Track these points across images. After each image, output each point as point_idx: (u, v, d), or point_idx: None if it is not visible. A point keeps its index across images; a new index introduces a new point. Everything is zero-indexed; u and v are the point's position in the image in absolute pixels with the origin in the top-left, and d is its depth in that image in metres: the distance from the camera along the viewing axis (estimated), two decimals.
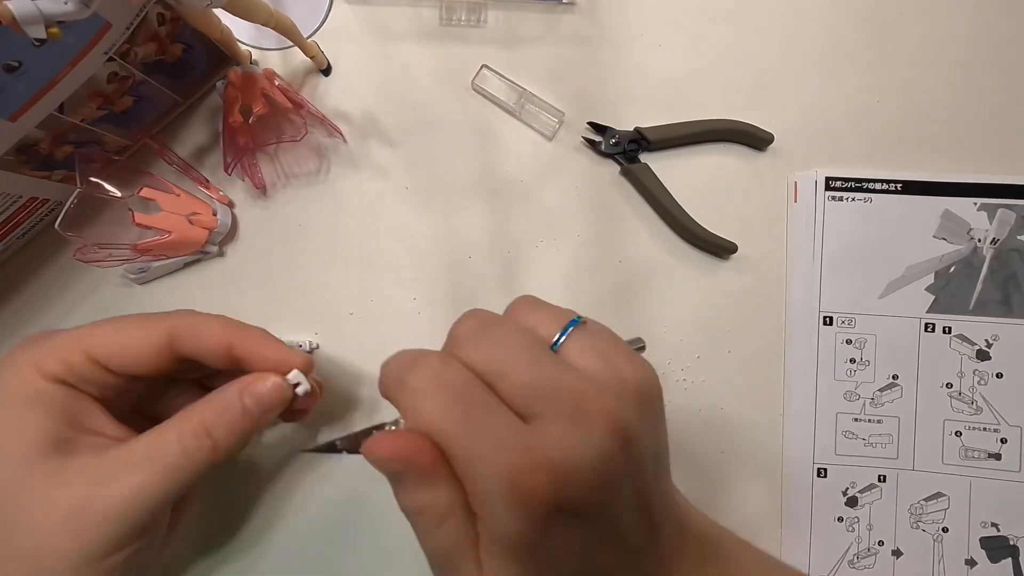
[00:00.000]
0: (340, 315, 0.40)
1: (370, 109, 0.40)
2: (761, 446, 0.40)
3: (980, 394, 0.39)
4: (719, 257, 0.40)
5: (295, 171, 0.40)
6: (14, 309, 0.39)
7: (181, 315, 0.29)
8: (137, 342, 0.27)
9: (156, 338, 0.27)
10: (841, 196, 0.40)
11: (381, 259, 0.40)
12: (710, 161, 0.40)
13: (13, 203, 0.34)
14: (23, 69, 0.26)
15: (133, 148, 0.39)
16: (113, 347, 0.27)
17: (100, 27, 0.28)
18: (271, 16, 0.33)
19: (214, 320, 0.29)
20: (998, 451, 0.39)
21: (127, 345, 0.27)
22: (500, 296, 0.40)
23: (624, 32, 0.41)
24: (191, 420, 0.27)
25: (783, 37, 0.41)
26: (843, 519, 0.39)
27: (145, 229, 0.36)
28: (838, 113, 0.40)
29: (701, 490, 0.39)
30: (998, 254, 0.39)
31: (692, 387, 0.40)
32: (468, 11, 0.40)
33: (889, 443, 0.39)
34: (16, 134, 0.30)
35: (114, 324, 0.28)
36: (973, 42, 0.40)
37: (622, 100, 0.40)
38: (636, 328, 0.39)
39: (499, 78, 0.40)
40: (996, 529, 0.39)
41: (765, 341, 0.40)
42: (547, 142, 0.40)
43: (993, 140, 0.40)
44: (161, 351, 0.27)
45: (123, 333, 0.27)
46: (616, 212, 0.40)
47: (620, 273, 0.40)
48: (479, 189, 0.40)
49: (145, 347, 0.27)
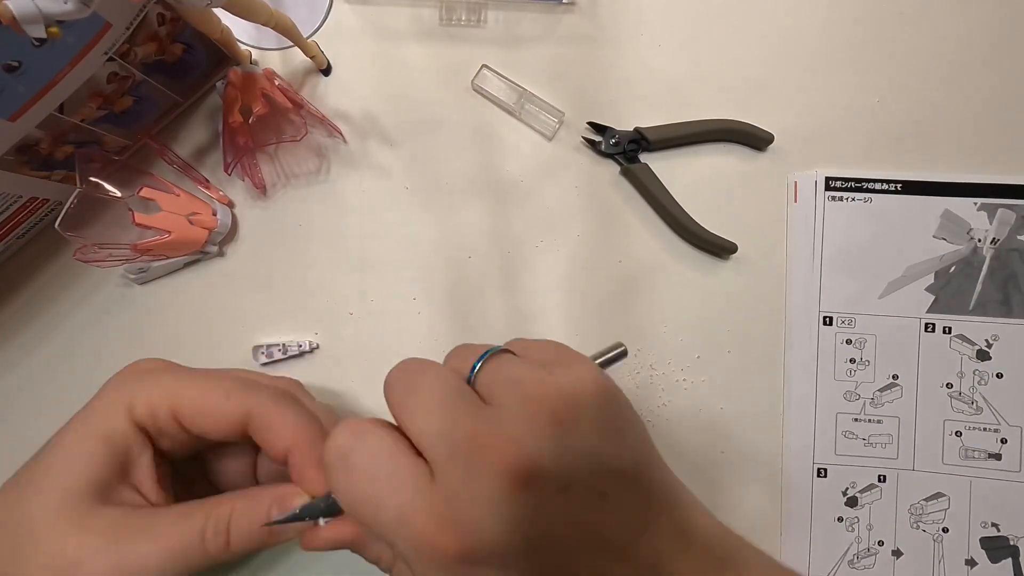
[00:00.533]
0: (340, 315, 0.40)
1: (370, 109, 0.40)
2: (761, 446, 0.40)
3: (980, 394, 0.39)
4: (719, 257, 0.40)
5: (295, 171, 0.40)
6: (14, 309, 0.39)
7: (266, 398, 0.29)
8: (219, 413, 0.28)
9: (236, 416, 0.28)
10: (841, 196, 0.40)
11: (381, 259, 0.40)
12: (710, 161, 0.40)
13: (13, 203, 0.34)
14: (23, 69, 0.26)
15: (133, 148, 0.39)
16: (196, 411, 0.28)
17: (100, 27, 0.28)
18: (271, 16, 0.33)
19: (292, 418, 0.28)
20: (998, 451, 0.39)
21: (208, 414, 0.28)
22: (500, 296, 0.40)
23: (624, 32, 0.41)
24: (220, 509, 0.27)
25: (783, 37, 0.41)
26: (843, 519, 0.39)
27: (145, 229, 0.36)
28: (838, 113, 0.40)
29: (701, 490, 0.38)
30: (998, 254, 0.39)
31: (692, 387, 0.40)
32: (468, 11, 0.40)
33: (889, 443, 0.39)
34: (16, 134, 0.30)
35: (202, 385, 0.29)
36: (973, 42, 0.40)
37: (622, 100, 0.41)
38: (636, 328, 0.40)
39: (499, 78, 0.40)
40: (996, 529, 0.39)
41: (765, 341, 0.40)
42: (547, 142, 0.40)
43: (993, 140, 0.40)
44: (235, 428, 0.28)
45: (209, 400, 0.28)
46: (616, 212, 0.40)
47: (620, 273, 0.40)
48: (479, 189, 0.40)
49: (223, 420, 0.28)
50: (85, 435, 0.27)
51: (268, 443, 0.28)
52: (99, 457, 0.27)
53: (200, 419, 0.28)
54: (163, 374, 0.29)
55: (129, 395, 0.28)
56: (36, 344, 0.39)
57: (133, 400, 0.28)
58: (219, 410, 0.28)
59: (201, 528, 0.26)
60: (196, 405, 0.28)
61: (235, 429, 0.28)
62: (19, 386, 0.39)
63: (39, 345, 0.39)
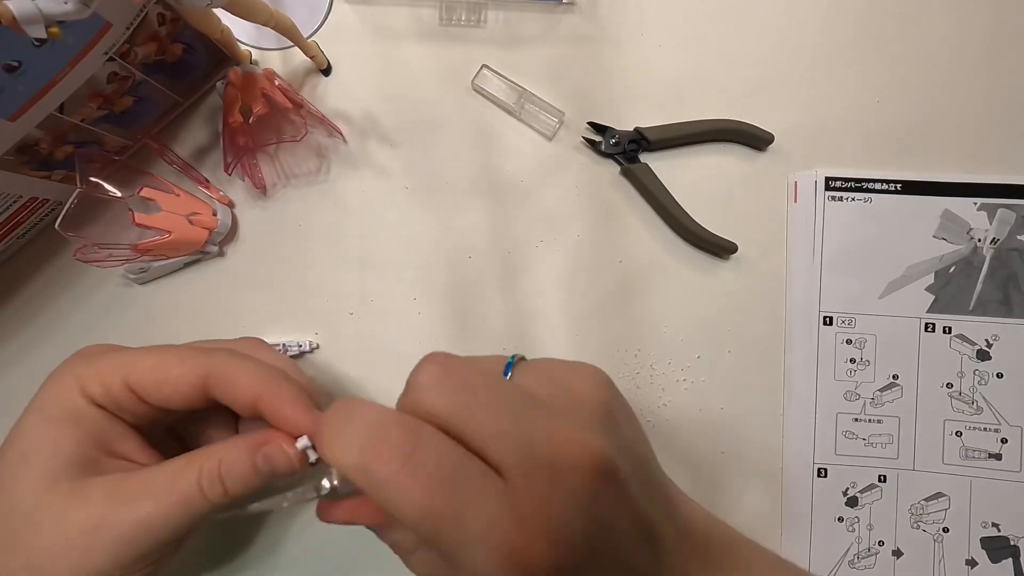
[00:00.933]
0: (340, 315, 0.40)
1: (370, 109, 0.40)
2: (761, 446, 0.40)
3: (980, 394, 0.39)
4: (719, 257, 0.40)
5: (295, 171, 0.40)
6: (14, 309, 0.39)
7: (222, 357, 0.28)
8: (175, 379, 0.27)
9: (193, 378, 0.27)
10: (841, 196, 0.40)
11: (381, 259, 0.40)
12: (710, 161, 0.40)
13: (13, 203, 0.34)
14: (23, 69, 0.26)
15: (133, 148, 0.39)
16: (151, 380, 0.27)
17: (100, 27, 0.28)
18: (271, 16, 0.33)
19: (251, 369, 0.28)
20: (998, 451, 0.39)
21: (164, 381, 0.27)
22: (500, 296, 0.40)
23: (624, 32, 0.41)
24: (211, 460, 0.26)
25: (783, 37, 0.41)
26: (843, 519, 0.39)
27: (145, 229, 0.36)
28: (838, 113, 0.40)
29: (701, 490, 0.39)
30: (998, 254, 0.39)
31: (692, 387, 0.40)
32: (468, 11, 0.40)
33: (889, 443, 0.39)
34: (16, 134, 0.30)
35: (156, 356, 0.28)
36: (973, 42, 0.40)
37: (622, 100, 0.40)
38: (636, 328, 0.40)
39: (499, 78, 0.40)
40: (997, 529, 0.39)
41: (765, 341, 0.40)
42: (547, 142, 0.40)
43: (993, 140, 0.40)
44: (195, 391, 0.27)
45: (162, 368, 0.27)
46: (616, 212, 0.40)
47: (620, 273, 0.40)
48: (479, 189, 0.40)
49: (181, 385, 0.27)
50: (43, 421, 0.27)
51: (233, 398, 0.27)
52: (69, 437, 0.26)
53: (157, 388, 0.27)
54: (112, 352, 0.28)
55: (77, 377, 0.27)
56: (36, 344, 0.39)
57: (83, 381, 0.27)
58: (175, 375, 0.27)
59: (197, 481, 0.26)
60: (151, 375, 0.27)
61: (196, 393, 0.27)
62: (19, 386, 0.39)
63: (39, 345, 0.39)
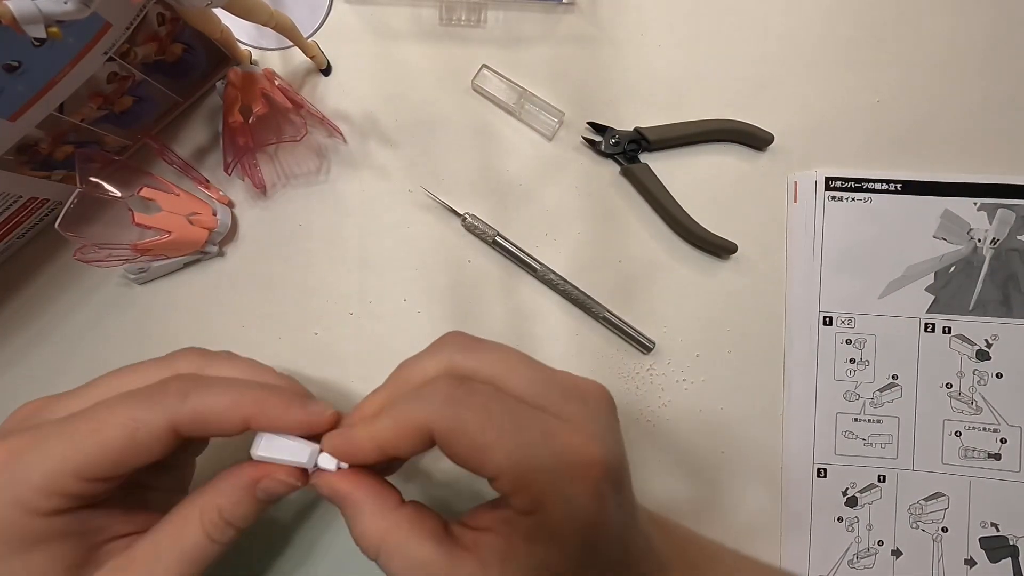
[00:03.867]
0: (340, 315, 0.40)
1: (370, 109, 0.40)
2: (761, 446, 0.40)
3: (980, 394, 0.39)
4: (719, 257, 0.40)
5: (295, 171, 0.40)
6: (14, 309, 0.39)
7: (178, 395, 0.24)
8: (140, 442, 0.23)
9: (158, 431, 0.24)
10: (841, 196, 0.40)
11: (381, 259, 0.40)
12: (710, 161, 0.40)
13: (13, 203, 0.34)
14: (23, 69, 0.26)
15: (133, 148, 0.39)
16: (109, 460, 0.23)
17: (100, 27, 0.28)
18: (271, 16, 0.33)
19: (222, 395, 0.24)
20: (998, 451, 0.39)
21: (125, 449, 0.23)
22: (500, 296, 0.40)
23: (624, 32, 0.41)
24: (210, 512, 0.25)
25: (783, 37, 0.41)
26: (843, 519, 0.39)
27: (145, 229, 0.36)
28: (838, 113, 0.40)
29: (701, 490, 0.39)
30: (998, 254, 0.39)
31: (692, 387, 0.40)
32: (468, 11, 0.40)
33: (889, 443, 0.39)
34: (16, 134, 0.30)
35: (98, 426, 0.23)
36: (972, 42, 0.40)
37: (622, 100, 0.41)
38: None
39: (499, 78, 0.40)
40: (996, 529, 0.39)
41: (765, 341, 0.40)
42: (547, 142, 0.40)
43: (993, 140, 0.40)
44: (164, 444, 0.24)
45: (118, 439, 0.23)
46: (616, 212, 0.40)
47: (620, 273, 0.40)
48: (479, 189, 0.40)
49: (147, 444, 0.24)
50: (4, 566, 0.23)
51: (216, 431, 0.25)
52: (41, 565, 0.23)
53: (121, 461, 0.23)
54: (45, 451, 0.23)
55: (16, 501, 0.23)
56: (36, 344, 0.39)
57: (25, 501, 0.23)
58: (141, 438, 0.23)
59: (203, 531, 0.25)
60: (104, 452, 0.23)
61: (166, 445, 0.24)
62: (19, 386, 0.39)
63: (39, 345, 0.39)
